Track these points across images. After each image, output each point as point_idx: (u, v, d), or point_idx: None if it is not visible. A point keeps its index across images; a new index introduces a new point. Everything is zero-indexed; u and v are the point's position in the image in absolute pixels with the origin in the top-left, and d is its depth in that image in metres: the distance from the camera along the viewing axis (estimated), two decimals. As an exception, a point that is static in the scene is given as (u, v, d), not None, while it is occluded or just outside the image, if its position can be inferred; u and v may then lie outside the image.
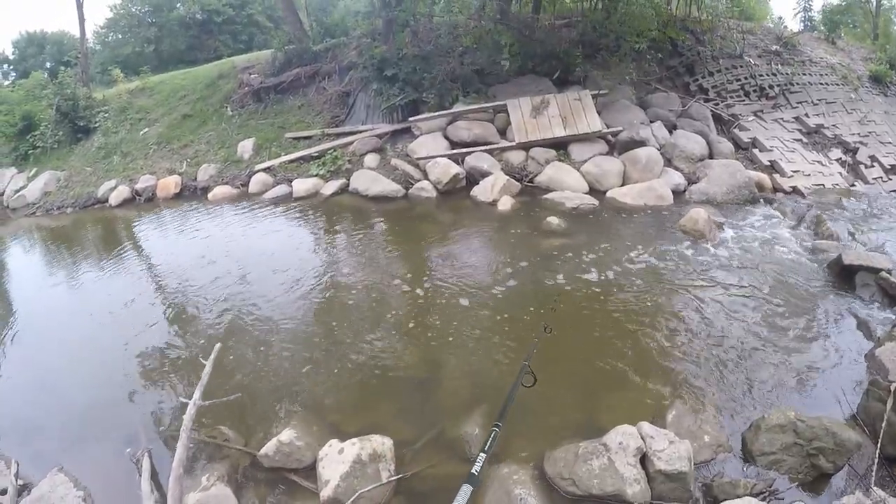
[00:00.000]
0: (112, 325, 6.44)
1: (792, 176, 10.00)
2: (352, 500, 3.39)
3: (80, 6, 19.63)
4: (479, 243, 7.66)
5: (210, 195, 11.49)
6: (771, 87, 12.61)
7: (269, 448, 3.85)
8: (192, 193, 12.09)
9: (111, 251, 9.24)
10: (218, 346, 4.78)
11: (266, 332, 5.70)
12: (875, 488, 3.13)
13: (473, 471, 0.74)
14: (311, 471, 3.75)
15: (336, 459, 3.62)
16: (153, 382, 5.15)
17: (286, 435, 3.92)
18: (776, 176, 10.01)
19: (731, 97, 12.37)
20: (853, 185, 10.28)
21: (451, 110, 10.97)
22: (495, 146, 10.29)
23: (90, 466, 4.10)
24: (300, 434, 3.96)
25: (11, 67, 37.35)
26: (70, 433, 4.58)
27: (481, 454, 0.79)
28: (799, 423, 3.57)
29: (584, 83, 11.53)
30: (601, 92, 10.85)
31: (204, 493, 3.57)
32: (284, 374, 4.98)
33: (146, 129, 14.92)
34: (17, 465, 3.88)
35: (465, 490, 0.65)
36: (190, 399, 4.08)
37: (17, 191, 14.37)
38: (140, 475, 3.81)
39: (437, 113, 10.98)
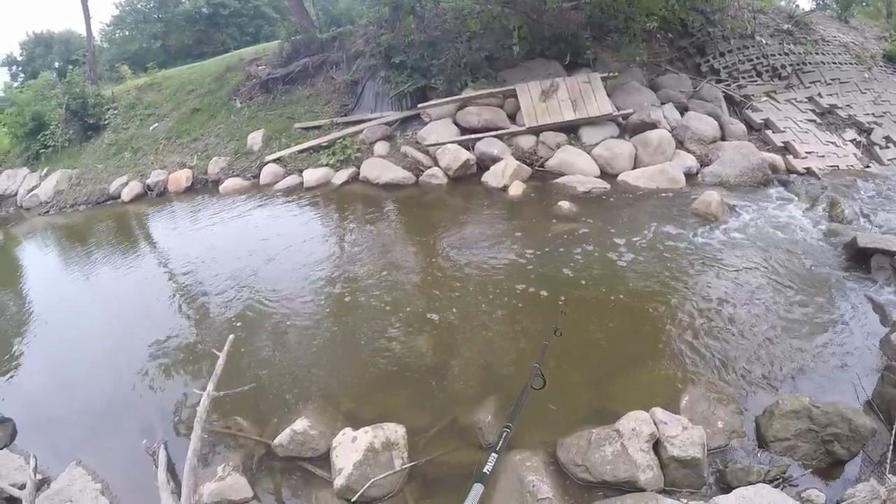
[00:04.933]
0: (127, 319, 6.53)
1: (805, 157, 9.84)
2: (365, 487, 3.42)
3: (85, 5, 19.74)
4: (490, 230, 7.63)
5: (221, 188, 11.59)
6: (783, 66, 12.40)
7: (283, 437, 3.89)
8: (203, 186, 12.21)
9: (125, 246, 9.34)
10: (231, 337, 4.82)
11: (279, 323, 5.74)
12: (890, 475, 3.09)
13: (485, 470, 0.73)
14: (324, 459, 3.79)
15: (349, 448, 3.65)
16: (168, 374, 5.22)
17: (300, 424, 3.96)
18: (789, 157, 9.84)
19: (743, 78, 12.18)
20: (868, 167, 10.08)
21: (460, 96, 10.88)
22: (505, 131, 10.22)
23: (107, 459, 4.16)
24: (314, 423, 4.00)
25: (20, 69, 37.47)
26: (87, 427, 4.66)
27: (493, 454, 0.78)
28: (813, 409, 3.55)
29: (593, 66, 11.40)
30: (611, 74, 10.73)
31: (219, 483, 3.62)
32: (297, 363, 5.02)
33: (156, 125, 14.99)
34: (36, 459, 3.92)
35: (477, 489, 0.64)
36: (204, 390, 4.11)
37: (30, 190, 14.55)
38: (156, 467, 3.85)
39: (446, 99, 10.90)
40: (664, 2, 11.33)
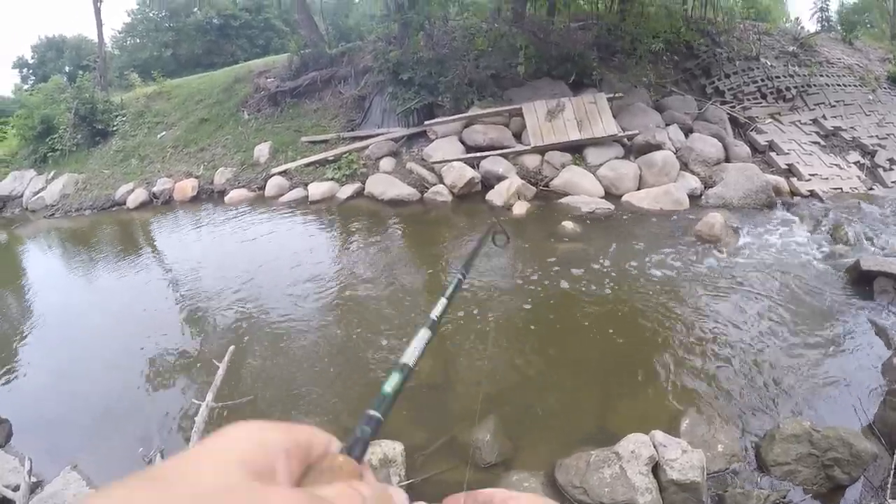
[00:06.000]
0: (127, 324, 6.55)
1: (809, 179, 9.89)
2: (361, 503, 3.41)
3: (97, 11, 19.98)
4: (494, 248, 7.64)
5: (227, 198, 11.64)
6: (788, 89, 12.51)
7: None
8: (208, 196, 12.25)
9: (128, 253, 9.39)
10: (231, 348, 4.79)
11: (280, 336, 5.75)
12: (891, 500, 3.10)
13: (433, 316, 0.74)
14: None
15: None
16: (167, 383, 5.23)
17: None
18: (793, 180, 9.90)
19: (748, 99, 12.28)
20: (871, 189, 10.12)
21: (467, 114, 10.98)
22: (510, 150, 10.30)
23: (103, 465, 4.15)
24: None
25: (31, 71, 37.91)
26: (84, 431, 4.66)
27: (442, 299, 0.79)
28: (814, 433, 3.53)
29: (599, 86, 11.49)
30: (616, 95, 10.80)
31: None
32: (296, 377, 5.02)
33: (163, 133, 15.11)
34: (31, 461, 3.92)
35: (423, 334, 0.65)
36: (203, 401, 4.11)
37: (37, 193, 14.66)
38: None
39: (452, 117, 11.01)
40: (670, 23, 11.48)
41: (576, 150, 10.19)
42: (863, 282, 6.00)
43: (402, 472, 3.66)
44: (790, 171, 10.23)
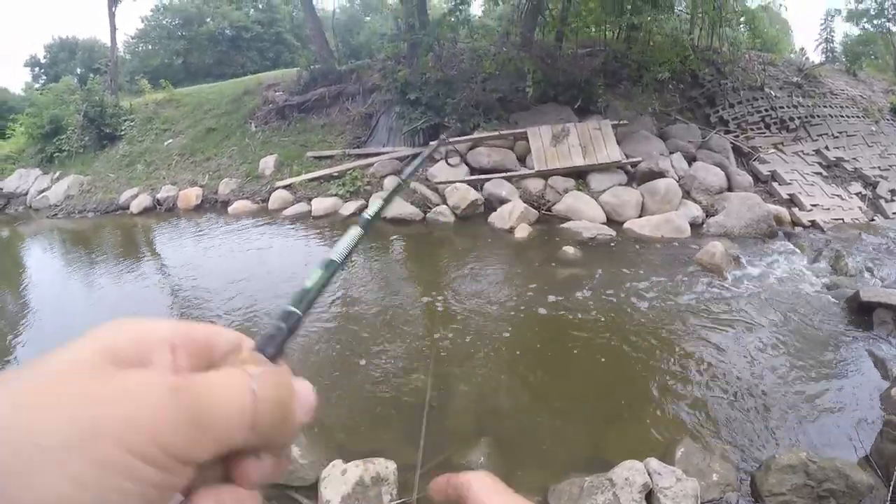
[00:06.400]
0: None
1: (811, 210, 9.95)
2: (351, 521, 3.40)
3: (112, 16, 20.16)
4: (494, 270, 7.69)
5: (230, 209, 11.71)
6: (791, 119, 12.60)
7: None
8: (212, 206, 12.32)
9: (129, 257, 9.44)
10: None
11: None
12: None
13: (366, 215, 0.74)
14: (312, 490, 3.76)
15: (339, 480, 3.62)
16: None
17: (290, 452, 3.93)
18: (795, 210, 9.95)
19: (752, 129, 12.37)
20: (873, 220, 10.18)
21: (472, 136, 11.07)
22: (514, 173, 10.37)
23: None
24: (304, 452, 3.96)
25: (42, 71, 38.29)
26: None
27: (378, 200, 0.79)
28: (810, 464, 3.52)
29: (604, 112, 11.59)
30: (621, 122, 10.90)
31: None
32: None
33: (170, 140, 15.22)
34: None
35: (354, 232, 0.65)
36: None
37: (41, 192, 14.79)
38: None
39: (458, 138, 11.08)
40: (677, 52, 11.57)
41: (579, 175, 10.26)
42: (862, 313, 5.99)
43: (393, 491, 3.64)
44: (792, 201, 10.28)
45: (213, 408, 0.32)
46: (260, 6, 37.14)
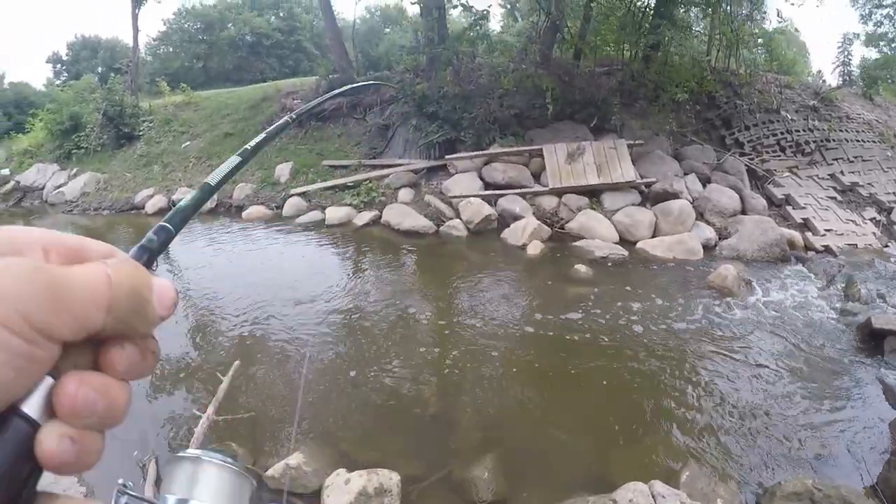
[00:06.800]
0: None
1: (824, 235, 9.91)
2: (352, 531, 3.40)
3: (135, 17, 20.48)
4: (505, 286, 7.72)
5: (244, 214, 11.83)
6: (807, 142, 12.55)
7: (276, 469, 3.89)
8: (226, 210, 12.43)
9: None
10: (237, 363, 4.83)
11: (285, 355, 5.79)
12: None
13: (248, 146, 0.76)
14: (315, 497, 3.76)
15: (342, 489, 3.63)
16: (169, 391, 5.26)
17: (295, 459, 3.95)
18: (808, 234, 9.92)
19: (767, 152, 12.34)
20: (886, 246, 10.11)
21: (488, 151, 11.13)
22: (529, 190, 10.43)
23: (96, 464, 4.19)
24: (309, 459, 3.99)
25: (64, 67, 38.69)
26: None
27: (263, 134, 0.81)
28: (816, 492, 3.49)
29: (620, 132, 11.61)
30: (637, 142, 10.92)
31: None
32: (298, 397, 5.04)
33: (188, 143, 15.37)
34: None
35: (233, 160, 0.66)
36: (203, 413, 4.13)
37: (58, 187, 14.98)
38: (144, 479, 3.89)
39: (473, 153, 11.17)
40: (694, 73, 11.59)
41: (593, 194, 10.30)
42: (873, 340, 5.98)
43: (396, 502, 3.66)
44: (805, 226, 10.25)
45: (72, 286, 0.34)
46: (281, 14, 37.64)
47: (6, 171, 17.01)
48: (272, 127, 1.01)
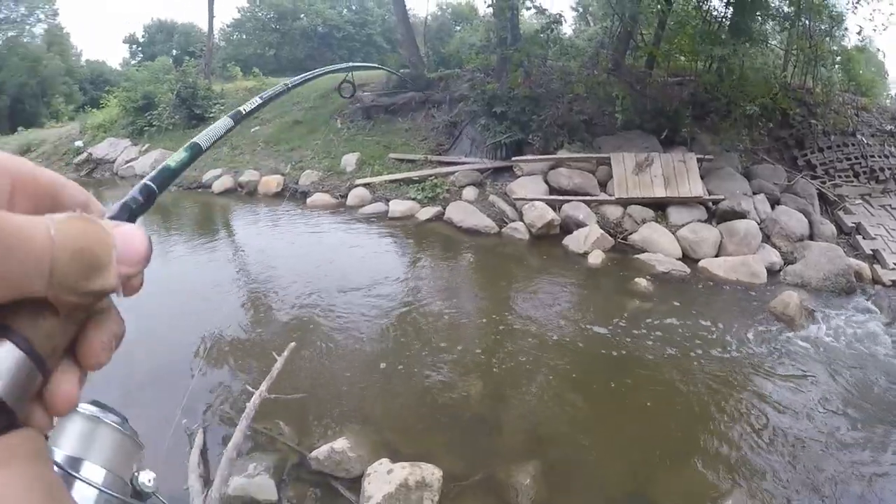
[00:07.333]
0: (195, 302, 6.91)
1: (894, 269, 9.61)
2: (390, 522, 3.50)
3: (210, 3, 21.20)
4: (563, 293, 7.76)
5: (309, 200, 12.07)
6: (882, 169, 12.10)
7: (320, 452, 4.01)
8: (291, 195, 12.69)
9: (207, 233, 9.96)
10: (292, 344, 4.90)
11: (340, 341, 5.95)
12: None
13: (242, 109, 0.83)
14: (355, 483, 3.87)
15: (383, 478, 3.72)
16: (221, 362, 5.47)
17: (340, 443, 4.07)
18: (877, 267, 9.60)
19: (839, 176, 11.95)
20: (958, 286, 9.76)
21: (555, 155, 11.15)
22: (594, 198, 10.41)
23: (144, 424, 4.36)
24: (353, 445, 4.10)
25: (140, 49, 40.28)
26: (134, 392, 4.85)
27: (257, 99, 0.86)
28: None
29: (690, 145, 11.45)
30: (707, 157, 10.76)
31: (248, 479, 3.78)
32: (350, 384, 5.18)
33: (257, 128, 15.77)
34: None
35: (224, 122, 0.71)
36: (257, 389, 4.21)
37: (128, 161, 15.82)
38: (191, 447, 4.03)
39: (540, 156, 11.20)
40: (768, 89, 11.34)
41: (659, 207, 10.23)
42: (936, 381, 5.79)
43: (435, 498, 3.70)
44: (875, 258, 9.95)
45: (8, 248, 0.29)
46: (353, 7, 38.35)
47: (80, 143, 17.80)
48: (267, 92, 1.14)
